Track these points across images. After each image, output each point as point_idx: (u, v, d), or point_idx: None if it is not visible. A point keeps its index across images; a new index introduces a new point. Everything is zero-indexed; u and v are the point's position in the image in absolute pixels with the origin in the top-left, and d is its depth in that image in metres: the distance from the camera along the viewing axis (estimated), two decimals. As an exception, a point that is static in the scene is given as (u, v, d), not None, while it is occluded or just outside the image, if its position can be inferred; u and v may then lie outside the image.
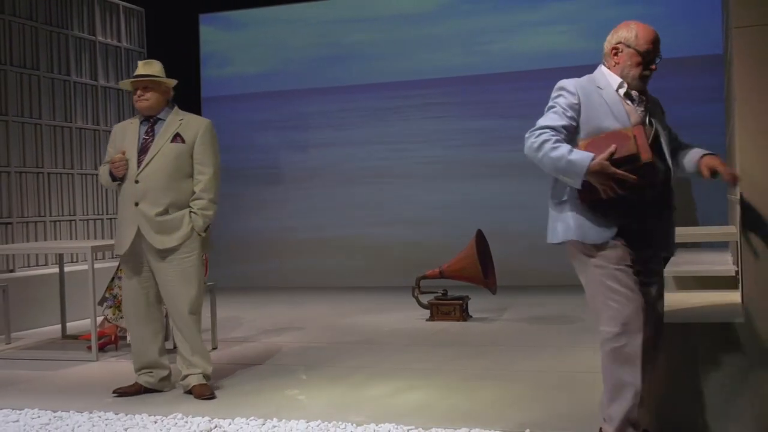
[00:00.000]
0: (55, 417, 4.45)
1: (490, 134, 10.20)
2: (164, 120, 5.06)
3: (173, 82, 5.21)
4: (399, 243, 10.42)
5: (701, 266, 6.42)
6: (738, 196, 3.83)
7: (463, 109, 10.44)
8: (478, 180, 10.20)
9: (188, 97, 11.32)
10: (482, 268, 7.53)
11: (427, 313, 7.54)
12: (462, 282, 7.81)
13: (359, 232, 10.68)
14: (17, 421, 4.41)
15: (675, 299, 4.74)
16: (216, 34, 11.51)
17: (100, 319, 6.37)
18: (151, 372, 5.03)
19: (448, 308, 7.43)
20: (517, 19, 10.24)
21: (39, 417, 4.47)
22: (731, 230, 6.38)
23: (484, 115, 10.30)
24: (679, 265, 6.63)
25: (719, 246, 8.02)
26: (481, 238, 7.65)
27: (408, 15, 10.65)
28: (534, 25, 10.16)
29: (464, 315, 7.43)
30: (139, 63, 5.28)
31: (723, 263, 6.51)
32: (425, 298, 7.64)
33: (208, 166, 5.01)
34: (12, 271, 8.15)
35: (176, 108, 5.15)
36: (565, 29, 10.03)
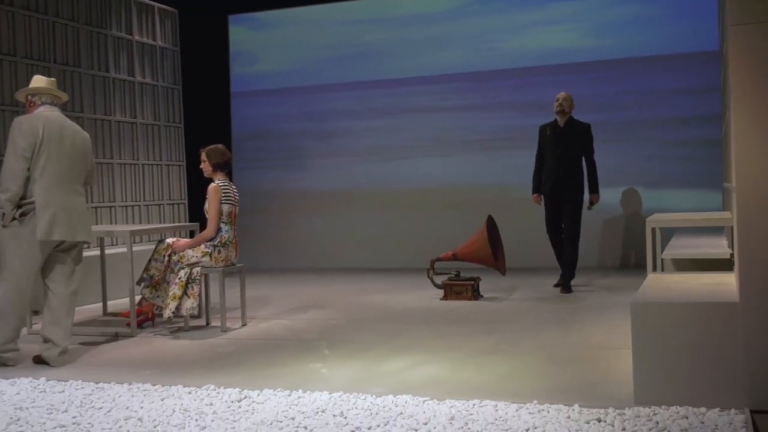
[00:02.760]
0: (97, 388, 4.47)
1: (500, 127, 10.16)
2: None
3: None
4: (414, 227, 10.40)
5: (699, 249, 6.40)
6: (734, 185, 3.81)
7: (474, 103, 10.39)
8: (487, 169, 10.17)
9: (219, 93, 11.39)
10: (492, 251, 7.52)
11: (440, 293, 7.54)
12: (473, 264, 7.81)
13: (377, 217, 10.67)
14: (63, 391, 4.44)
15: (674, 280, 4.72)
16: (244, 33, 11.50)
17: (138, 297, 6.40)
18: None
19: (460, 288, 7.42)
20: (526, 18, 10.17)
21: (82, 388, 4.50)
22: (727, 216, 6.35)
23: (494, 109, 10.25)
24: (678, 248, 6.61)
25: (716, 231, 7.98)
26: (491, 223, 7.65)
27: (422, 15, 10.60)
28: (541, 24, 10.08)
29: (476, 295, 7.42)
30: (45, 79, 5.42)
31: (719, 246, 6.49)
32: (439, 279, 7.63)
33: (5, 157, 5.15)
34: (57, 253, 8.19)
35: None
36: (571, 27, 9.96)
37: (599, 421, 3.53)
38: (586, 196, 7.78)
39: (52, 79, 5.46)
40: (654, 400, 3.72)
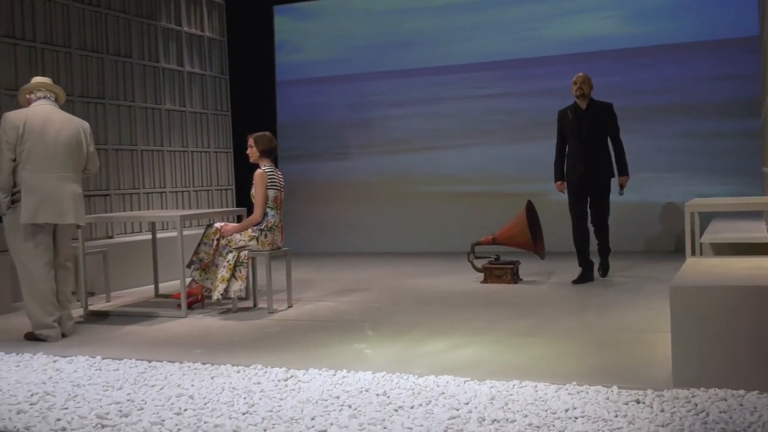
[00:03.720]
0: (150, 366, 4.53)
1: (539, 114, 10.06)
2: None
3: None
4: (455, 212, 10.37)
5: (737, 234, 6.29)
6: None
7: (513, 90, 10.30)
8: (525, 154, 10.08)
9: (264, 82, 11.43)
10: (532, 235, 7.47)
11: (481, 276, 7.51)
12: (513, 248, 7.77)
13: (418, 203, 10.65)
14: (117, 369, 4.51)
15: (712, 264, 4.65)
16: (289, 23, 11.52)
17: (188, 280, 6.46)
18: None
19: (500, 272, 7.39)
20: (563, 6, 10.04)
21: (136, 366, 4.56)
22: (766, 200, 6.23)
23: (532, 96, 10.15)
24: (716, 233, 6.51)
25: (755, 216, 7.83)
26: (530, 208, 7.59)
27: (461, 3, 10.52)
28: (578, 12, 9.95)
29: (515, 278, 7.38)
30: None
31: (758, 231, 6.37)
32: (479, 263, 7.60)
33: None
34: (111, 237, 8.32)
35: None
36: (606, 15, 9.82)
37: (638, 402, 3.49)
38: (614, 181, 7.34)
39: (47, 79, 5.77)
40: (693, 382, 3.68)
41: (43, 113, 5.48)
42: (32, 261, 5.39)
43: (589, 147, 7.11)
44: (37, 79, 5.71)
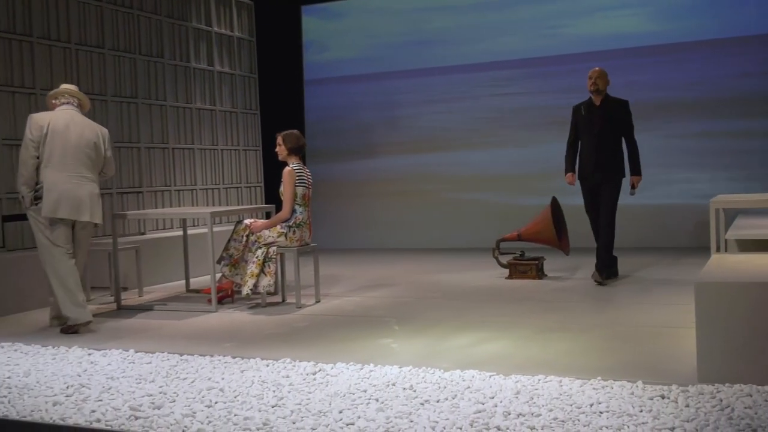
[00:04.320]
0: (181, 360, 4.57)
1: (562, 110, 9.99)
2: None
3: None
4: (480, 208, 10.35)
5: (762, 230, 6.21)
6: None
7: (539, 88, 10.25)
8: (550, 151, 9.99)
9: (293, 80, 11.47)
10: (556, 231, 7.43)
11: (505, 272, 7.49)
12: (538, 244, 7.73)
13: (445, 199, 10.64)
14: (150, 362, 4.55)
15: (737, 260, 4.60)
16: (316, 23, 11.53)
17: (218, 275, 6.50)
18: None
19: (525, 268, 7.36)
20: (590, 3, 9.97)
21: (168, 359, 4.60)
22: (791, 197, 6.14)
23: (558, 93, 10.08)
24: (741, 229, 6.43)
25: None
26: (555, 205, 7.55)
27: (487, 2, 10.48)
28: (605, 9, 9.87)
29: (540, 274, 7.35)
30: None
31: (783, 227, 6.28)
32: (504, 259, 7.57)
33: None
34: (143, 233, 8.39)
35: None
36: (634, 12, 9.73)
37: (663, 397, 3.47)
38: (626, 180, 6.99)
39: (73, 86, 6.03)
40: (718, 377, 3.64)
41: (66, 117, 5.78)
42: (56, 250, 5.63)
43: (601, 144, 6.85)
44: (63, 86, 6.00)
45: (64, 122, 5.72)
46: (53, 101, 5.92)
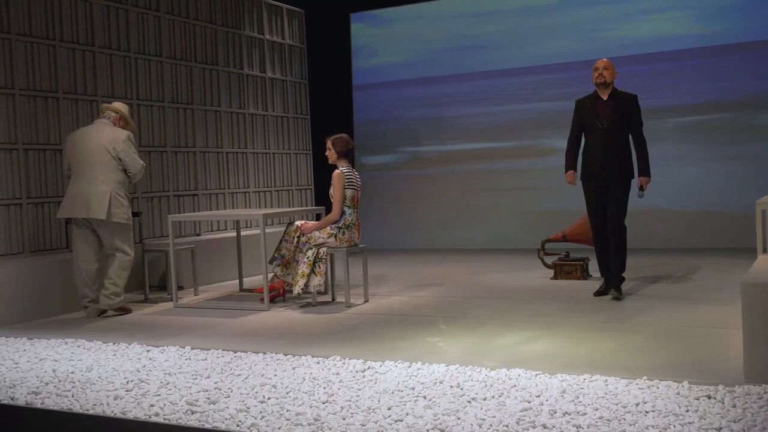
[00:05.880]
0: (235, 356, 4.61)
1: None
2: None
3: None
4: (525, 209, 10.27)
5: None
6: None
7: (584, 90, 10.11)
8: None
9: (342, 86, 11.51)
10: (601, 232, 7.33)
11: (550, 272, 7.42)
12: (582, 245, 7.63)
13: (489, 200, 10.59)
14: (205, 359, 4.60)
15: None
16: (364, 29, 11.57)
17: (270, 275, 6.55)
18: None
19: (569, 268, 7.28)
20: (634, 6, 9.83)
21: (222, 356, 4.64)
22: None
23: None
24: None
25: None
26: (600, 206, 7.45)
27: (531, 7, 10.41)
28: (649, 12, 9.73)
29: (584, 274, 7.27)
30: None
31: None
32: (549, 260, 7.50)
33: None
34: (198, 234, 8.49)
35: None
36: (677, 15, 9.57)
37: (709, 398, 3.40)
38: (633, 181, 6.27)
39: (117, 104, 6.45)
40: (765, 378, 3.56)
41: (89, 129, 6.33)
42: (76, 247, 6.25)
43: (607, 141, 6.11)
44: (111, 104, 6.47)
45: (83, 135, 6.26)
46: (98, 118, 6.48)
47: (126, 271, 6.27)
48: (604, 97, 6.22)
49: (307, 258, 6.20)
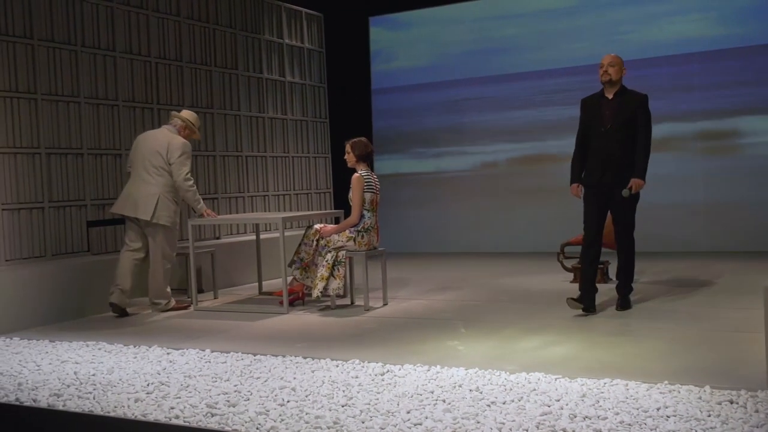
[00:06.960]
0: (255, 359, 4.62)
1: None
2: None
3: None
4: (545, 212, 10.22)
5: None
6: None
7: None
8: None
9: (361, 90, 11.53)
10: (621, 235, 7.28)
11: (570, 276, 7.38)
12: (603, 248, 7.57)
13: (508, 203, 10.55)
14: (225, 362, 4.61)
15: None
16: (383, 33, 11.58)
17: (289, 278, 6.57)
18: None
19: (590, 272, 7.22)
20: (654, 8, 9.77)
21: (242, 359, 4.66)
22: None
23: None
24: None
25: None
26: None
27: (552, 9, 10.36)
28: (669, 14, 9.66)
29: (605, 278, 7.20)
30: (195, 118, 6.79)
31: None
32: (569, 263, 7.46)
33: None
34: (218, 238, 8.52)
35: None
36: (698, 17, 9.49)
37: (731, 402, 3.37)
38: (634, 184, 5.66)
39: (184, 113, 6.74)
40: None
41: (152, 133, 6.63)
42: (125, 238, 6.54)
43: (609, 144, 5.63)
44: (175, 112, 6.79)
45: (146, 137, 6.58)
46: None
47: (167, 279, 6.57)
48: (610, 96, 5.77)
49: (326, 261, 6.20)
